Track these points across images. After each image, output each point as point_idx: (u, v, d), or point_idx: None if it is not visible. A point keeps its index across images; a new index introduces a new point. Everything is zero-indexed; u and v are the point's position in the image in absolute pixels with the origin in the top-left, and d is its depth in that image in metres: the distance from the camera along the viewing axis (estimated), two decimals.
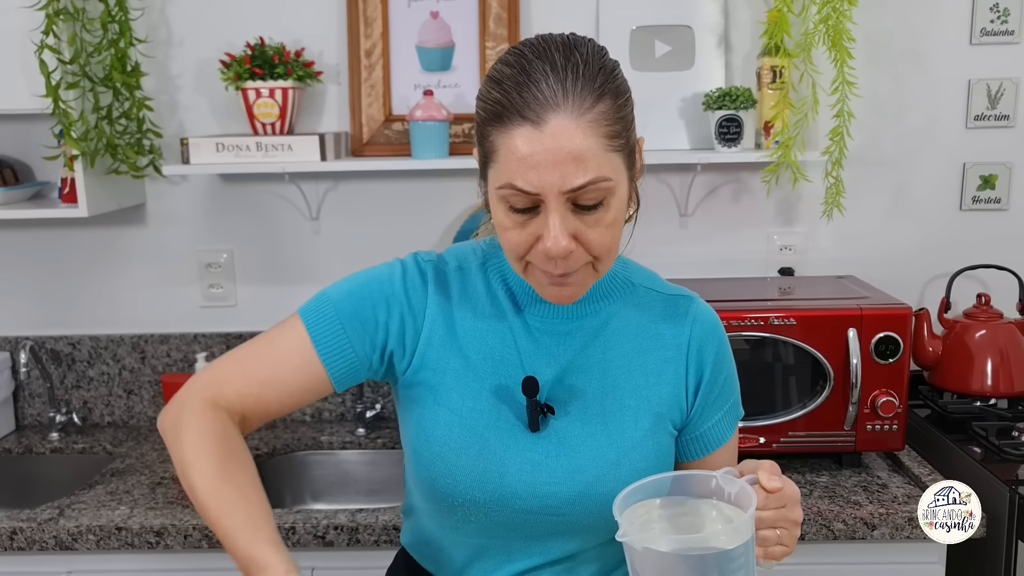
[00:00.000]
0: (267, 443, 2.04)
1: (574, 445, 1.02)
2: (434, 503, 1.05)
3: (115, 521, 1.61)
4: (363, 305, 1.03)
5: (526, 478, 1.01)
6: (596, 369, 1.04)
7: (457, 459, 1.01)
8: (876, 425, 1.72)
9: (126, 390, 2.17)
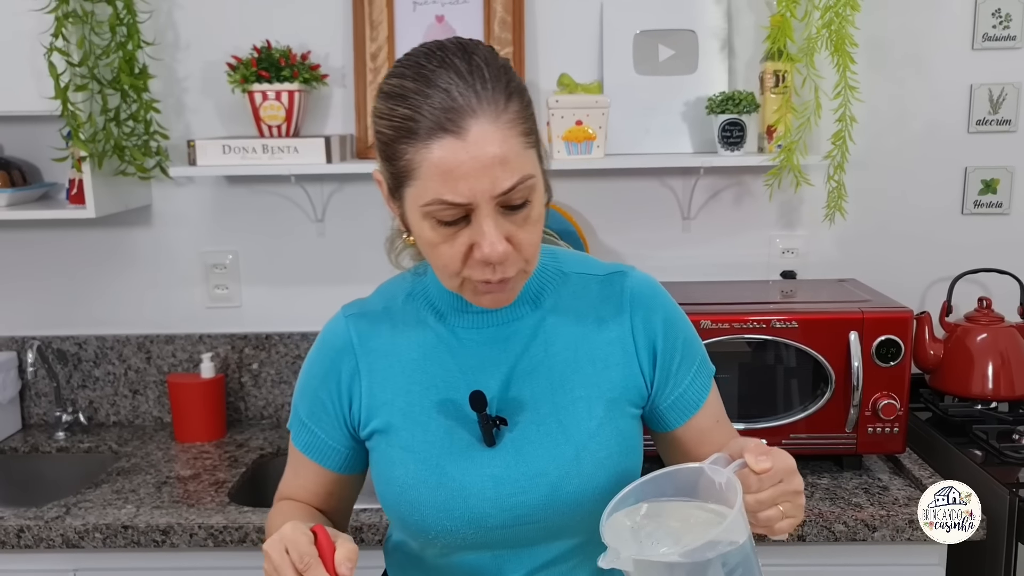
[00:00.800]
0: (272, 443, 2.05)
1: (532, 450, 1.02)
2: (413, 538, 1.07)
3: (121, 520, 1.63)
4: (311, 398, 1.09)
5: (489, 495, 1.01)
6: (541, 368, 1.04)
7: (418, 495, 1.02)
8: (877, 428, 1.73)
9: (132, 390, 2.19)
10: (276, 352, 2.16)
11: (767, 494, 0.87)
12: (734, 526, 0.81)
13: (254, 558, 1.63)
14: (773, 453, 0.88)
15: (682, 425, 1.08)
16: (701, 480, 0.88)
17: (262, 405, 2.20)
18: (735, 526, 0.82)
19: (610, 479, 1.01)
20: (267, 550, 0.89)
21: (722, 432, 1.09)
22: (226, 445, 2.04)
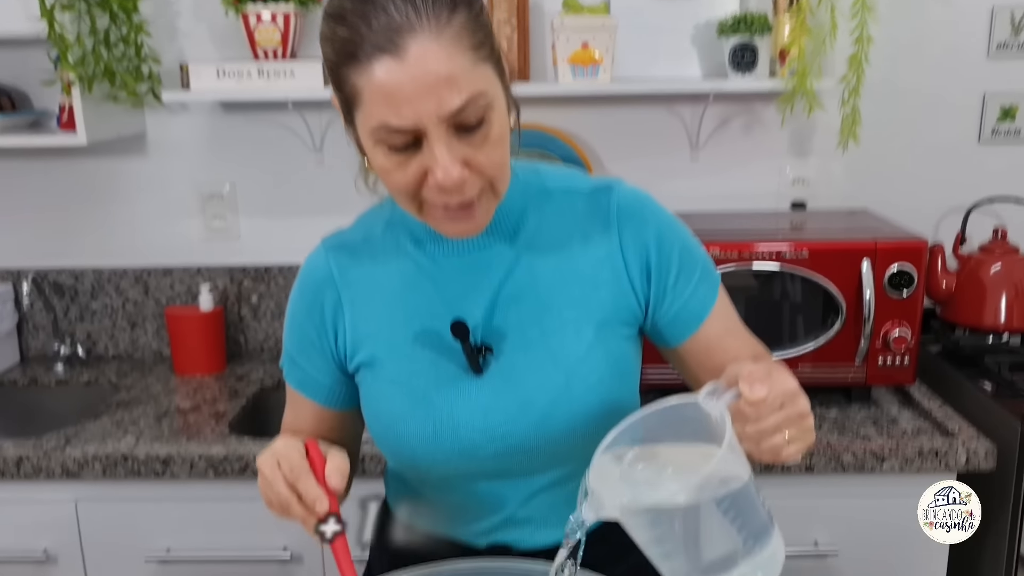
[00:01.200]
0: (272, 375, 2.02)
1: (520, 378, 0.98)
2: (406, 470, 1.05)
3: (121, 450, 1.61)
4: (298, 334, 1.05)
5: (478, 425, 0.98)
6: (527, 292, 0.99)
7: (406, 427, 0.99)
8: (887, 359, 1.70)
9: (130, 323, 2.16)
10: (275, 284, 2.13)
11: (769, 422, 0.80)
12: (724, 466, 0.75)
13: (255, 488, 1.61)
14: (772, 377, 0.80)
15: (687, 340, 1.03)
16: (699, 414, 0.81)
17: (262, 338, 2.17)
18: (725, 466, 0.75)
19: (603, 404, 0.98)
20: (260, 465, 0.87)
21: (737, 342, 1.04)
22: (226, 378, 2.02)
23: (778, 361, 1.00)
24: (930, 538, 1.60)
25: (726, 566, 0.76)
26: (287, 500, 0.85)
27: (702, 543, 0.76)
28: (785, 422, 0.81)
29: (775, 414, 0.81)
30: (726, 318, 1.04)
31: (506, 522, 1.05)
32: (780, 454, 0.83)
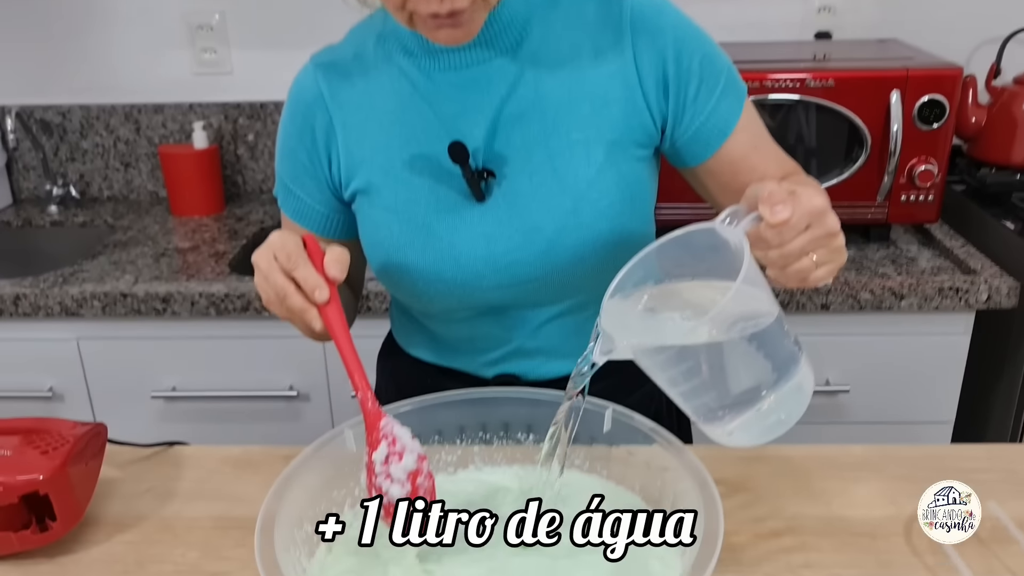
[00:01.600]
0: (272, 216, 1.97)
1: (525, 203, 0.92)
2: (409, 303, 1.00)
3: (120, 288, 1.57)
4: (291, 160, 0.99)
5: (481, 254, 0.93)
6: (531, 111, 0.91)
7: (405, 258, 0.94)
8: (911, 196, 1.63)
9: (123, 163, 2.08)
10: (272, 122, 2.04)
11: (794, 245, 0.73)
12: (740, 301, 0.68)
13: (257, 326, 1.59)
14: (796, 196, 0.72)
15: (709, 159, 0.95)
16: (718, 243, 0.73)
17: (260, 179, 2.10)
18: (742, 300, 0.69)
19: (613, 232, 0.92)
20: (255, 259, 0.82)
21: (765, 159, 0.96)
22: (225, 219, 1.96)
23: (811, 179, 0.94)
24: (943, 376, 1.59)
25: (750, 402, 0.72)
26: (284, 289, 0.79)
27: (723, 381, 0.71)
28: (811, 244, 0.74)
29: (800, 236, 0.73)
30: (753, 133, 0.96)
31: (514, 353, 1.01)
32: (808, 279, 0.77)
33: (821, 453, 0.98)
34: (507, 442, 0.90)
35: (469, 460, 0.89)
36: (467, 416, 0.88)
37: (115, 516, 0.89)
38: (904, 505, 0.88)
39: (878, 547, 0.82)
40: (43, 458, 0.82)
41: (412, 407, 0.84)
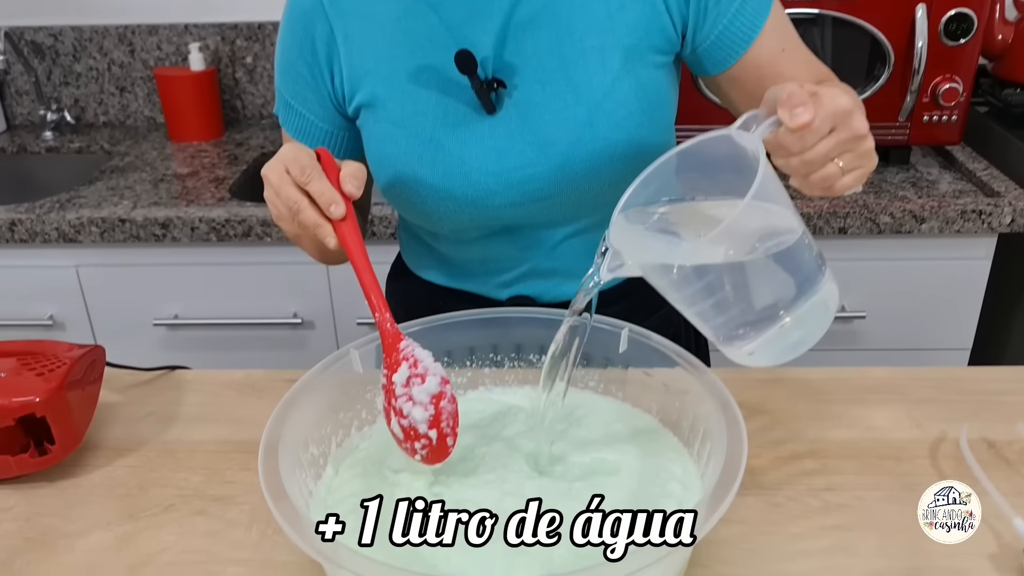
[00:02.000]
0: (273, 142, 1.92)
1: (538, 115, 0.87)
2: (418, 223, 0.96)
3: (118, 214, 1.53)
4: (291, 74, 0.93)
5: (492, 169, 0.88)
6: (543, 15, 0.86)
7: (413, 174, 0.89)
8: (934, 116, 1.58)
9: (118, 87, 2.02)
10: (271, 43, 1.97)
11: (817, 150, 0.67)
12: (754, 215, 0.63)
13: (260, 252, 1.56)
14: (818, 96, 0.66)
15: (733, 65, 0.89)
16: (737, 152, 0.67)
17: (260, 104, 2.04)
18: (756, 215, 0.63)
19: (631, 144, 0.87)
20: (265, 172, 0.76)
21: (794, 64, 0.90)
22: (224, 144, 1.91)
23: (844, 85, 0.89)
24: (962, 302, 1.56)
25: (771, 319, 0.67)
26: (297, 203, 0.74)
27: (743, 299, 0.67)
28: (836, 148, 0.68)
29: (823, 141, 0.67)
30: (781, 36, 0.90)
31: (529, 274, 0.98)
32: (834, 187, 0.71)
33: (841, 376, 0.95)
34: (519, 364, 0.86)
35: (479, 382, 0.86)
36: (478, 337, 0.85)
37: (116, 441, 0.87)
38: (929, 428, 0.85)
39: (903, 469, 0.80)
40: (39, 380, 0.79)
41: (421, 327, 0.81)
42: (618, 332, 0.80)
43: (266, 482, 0.62)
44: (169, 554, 0.72)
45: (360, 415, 0.80)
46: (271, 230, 1.51)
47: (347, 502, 0.70)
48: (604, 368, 0.84)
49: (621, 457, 0.74)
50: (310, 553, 0.57)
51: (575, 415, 0.80)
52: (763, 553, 0.71)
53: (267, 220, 1.51)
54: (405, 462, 0.74)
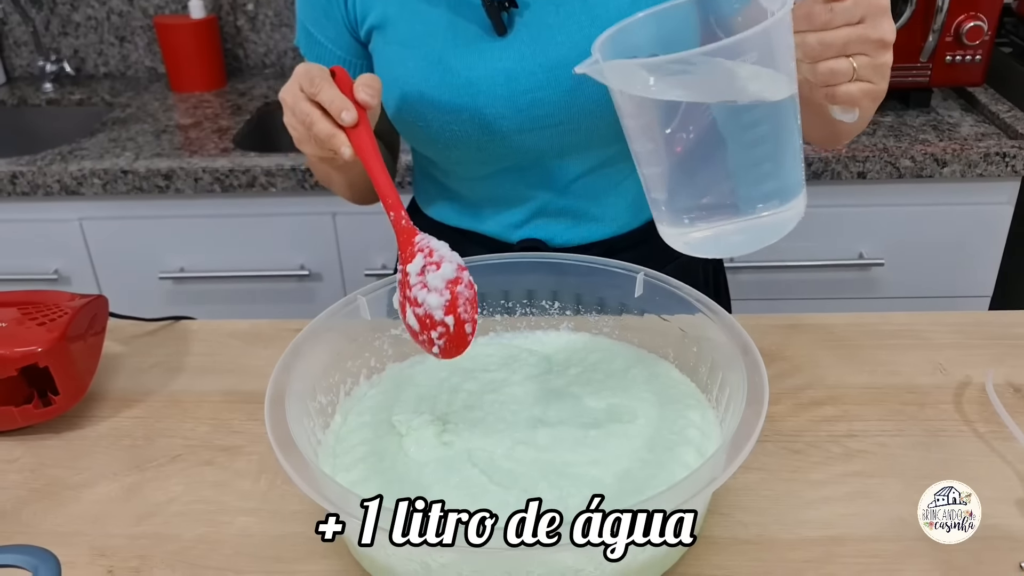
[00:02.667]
0: (276, 91, 1.86)
1: (551, 38, 0.84)
2: (425, 149, 0.93)
3: (120, 165, 1.50)
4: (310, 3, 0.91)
5: (501, 92, 0.85)
6: None
7: (420, 95, 0.87)
8: (957, 56, 1.53)
9: (118, 36, 1.98)
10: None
11: (839, 34, 0.63)
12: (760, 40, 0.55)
13: (266, 204, 1.53)
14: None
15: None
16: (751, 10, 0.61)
17: (263, 52, 2.00)
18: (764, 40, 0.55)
19: None
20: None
21: None
22: (227, 94, 1.87)
23: None
24: (983, 247, 1.52)
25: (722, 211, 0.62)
26: (309, 115, 0.71)
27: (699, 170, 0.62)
28: (857, 43, 0.64)
29: (848, 28, 0.63)
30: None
31: (540, 213, 0.95)
32: (838, 90, 0.66)
33: (862, 321, 0.92)
34: (531, 311, 0.84)
35: (490, 328, 0.84)
36: (488, 284, 0.82)
37: (121, 391, 0.85)
38: (953, 372, 0.83)
39: (927, 415, 0.78)
40: (41, 330, 0.78)
41: None
42: (633, 276, 0.78)
43: (273, 432, 0.61)
44: (177, 504, 0.71)
45: (369, 363, 0.78)
46: (276, 180, 1.49)
47: (356, 451, 0.69)
48: (619, 315, 0.81)
49: (637, 403, 0.72)
50: (319, 502, 0.55)
51: (589, 360, 0.78)
52: (784, 500, 0.69)
53: (272, 171, 1.48)
54: (413, 411, 0.72)
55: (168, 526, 0.69)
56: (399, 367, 0.80)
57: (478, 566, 0.56)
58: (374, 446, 0.69)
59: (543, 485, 0.63)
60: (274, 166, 1.48)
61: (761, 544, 0.65)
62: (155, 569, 0.65)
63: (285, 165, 1.48)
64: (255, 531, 0.68)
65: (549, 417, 0.71)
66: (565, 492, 0.63)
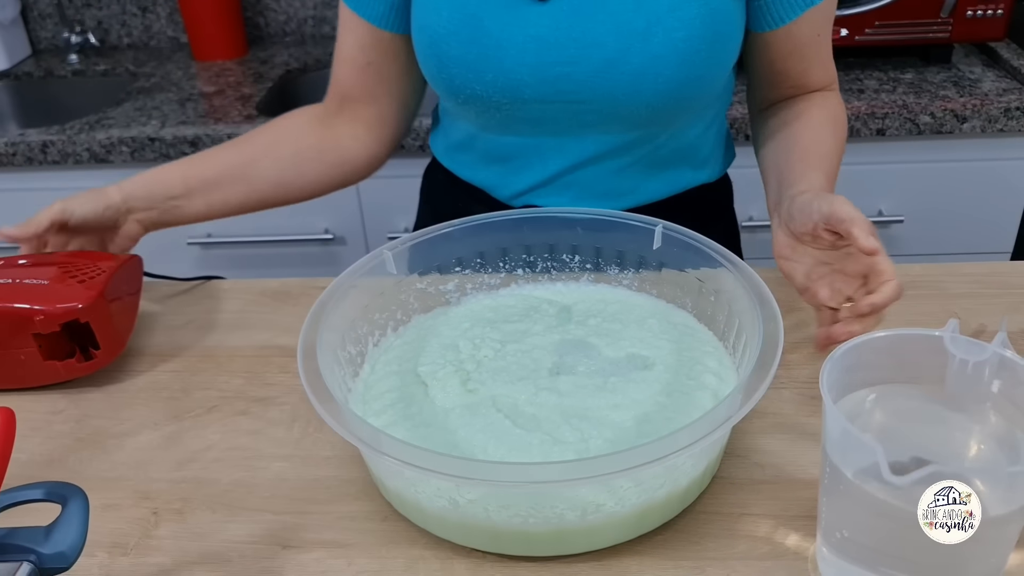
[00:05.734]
0: (298, 59, 1.90)
1: (591, 12, 0.83)
2: (445, 99, 0.94)
3: (147, 133, 1.53)
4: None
5: (530, 60, 0.85)
6: None
7: (448, 48, 0.87)
8: (978, 11, 1.52)
9: (140, 7, 2.00)
10: None
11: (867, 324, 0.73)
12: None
13: None
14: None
15: (785, 25, 0.87)
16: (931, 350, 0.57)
17: (283, 20, 2.01)
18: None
19: (683, 70, 0.84)
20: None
21: (818, 53, 0.91)
22: (249, 62, 1.90)
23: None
24: (1004, 203, 1.52)
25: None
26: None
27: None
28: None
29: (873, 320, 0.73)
30: (824, 20, 0.89)
31: (549, 182, 0.96)
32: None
33: None
34: (552, 264, 0.86)
35: (512, 281, 0.86)
36: (509, 239, 0.84)
37: (157, 347, 0.88)
38: (968, 321, 0.84)
39: None
40: (81, 287, 0.81)
41: (453, 228, 0.81)
42: (652, 229, 0.79)
43: (307, 378, 0.63)
44: (215, 451, 0.74)
45: (395, 316, 0.81)
46: None
47: (384, 397, 0.71)
48: (638, 268, 0.83)
49: (655, 352, 0.74)
50: (353, 441, 0.58)
51: (608, 311, 0.80)
52: (799, 443, 0.71)
53: None
54: (438, 360, 0.74)
55: (207, 471, 0.72)
56: (423, 318, 0.82)
57: (504, 501, 0.59)
58: (402, 393, 0.71)
59: (565, 428, 0.66)
60: None
61: (777, 484, 0.67)
62: (197, 511, 0.68)
63: None
64: (289, 475, 0.71)
65: (569, 365, 0.73)
66: (586, 434, 0.65)
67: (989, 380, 0.57)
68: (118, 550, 0.65)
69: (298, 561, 0.63)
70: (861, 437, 0.50)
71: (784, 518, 0.64)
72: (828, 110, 0.93)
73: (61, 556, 0.51)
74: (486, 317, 0.80)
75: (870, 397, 0.59)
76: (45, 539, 0.51)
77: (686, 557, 0.62)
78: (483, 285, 0.85)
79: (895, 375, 0.59)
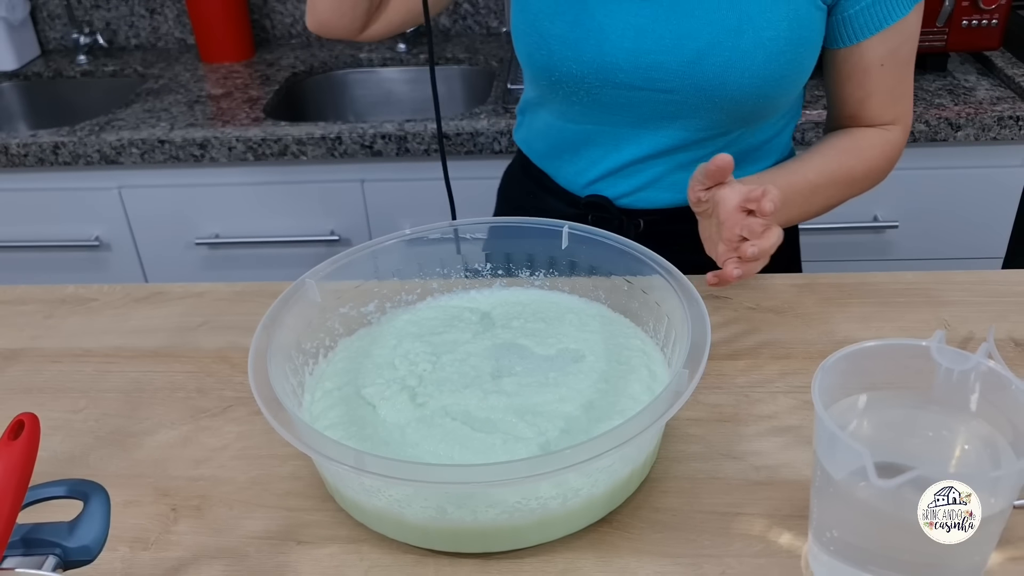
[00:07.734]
0: (304, 61, 1.92)
1: (688, 8, 0.89)
2: (535, 80, 0.98)
3: (157, 135, 1.56)
4: None
5: (628, 45, 0.90)
6: None
7: (551, 26, 0.92)
8: (973, 20, 1.54)
9: (148, 9, 2.03)
10: None
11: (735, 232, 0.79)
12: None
13: (297, 171, 1.59)
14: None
15: (853, 45, 0.91)
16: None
17: (289, 23, 2.04)
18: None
19: (768, 65, 0.89)
20: None
21: (879, 84, 0.93)
22: (255, 64, 1.92)
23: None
24: (996, 210, 1.55)
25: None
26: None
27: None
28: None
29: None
30: (894, 50, 0.92)
31: (618, 171, 1.00)
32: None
33: (872, 280, 0.96)
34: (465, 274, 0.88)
35: (427, 293, 0.88)
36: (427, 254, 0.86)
37: (172, 349, 0.91)
38: (957, 328, 0.87)
39: None
40: None
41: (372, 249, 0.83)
42: (559, 231, 0.82)
43: (273, 417, 0.63)
44: (231, 450, 0.77)
45: (324, 343, 0.80)
46: (306, 148, 1.54)
47: (336, 426, 0.71)
48: (549, 269, 0.86)
49: (582, 344, 0.77)
50: (299, 447, 0.60)
51: (527, 312, 0.82)
52: (793, 446, 0.73)
53: (302, 139, 1.53)
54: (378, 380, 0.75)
55: (224, 469, 0.75)
56: (348, 341, 0.82)
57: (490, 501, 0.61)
58: (351, 417, 0.71)
59: (522, 426, 0.68)
60: (305, 135, 1.53)
61: (771, 485, 0.70)
62: (214, 507, 0.71)
63: (315, 134, 1.53)
64: (304, 474, 0.73)
65: (507, 367, 0.75)
66: (543, 428, 0.68)
67: (973, 388, 0.60)
68: (139, 544, 0.68)
69: (312, 556, 0.66)
70: (849, 441, 0.53)
71: (777, 517, 0.67)
72: (861, 142, 0.97)
73: (85, 549, 0.53)
74: (411, 332, 0.81)
75: (860, 403, 0.62)
76: (69, 534, 0.53)
77: (683, 554, 0.65)
78: (400, 302, 0.86)
79: (884, 382, 0.62)
